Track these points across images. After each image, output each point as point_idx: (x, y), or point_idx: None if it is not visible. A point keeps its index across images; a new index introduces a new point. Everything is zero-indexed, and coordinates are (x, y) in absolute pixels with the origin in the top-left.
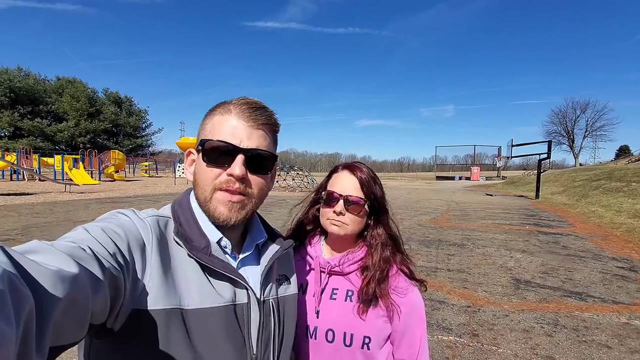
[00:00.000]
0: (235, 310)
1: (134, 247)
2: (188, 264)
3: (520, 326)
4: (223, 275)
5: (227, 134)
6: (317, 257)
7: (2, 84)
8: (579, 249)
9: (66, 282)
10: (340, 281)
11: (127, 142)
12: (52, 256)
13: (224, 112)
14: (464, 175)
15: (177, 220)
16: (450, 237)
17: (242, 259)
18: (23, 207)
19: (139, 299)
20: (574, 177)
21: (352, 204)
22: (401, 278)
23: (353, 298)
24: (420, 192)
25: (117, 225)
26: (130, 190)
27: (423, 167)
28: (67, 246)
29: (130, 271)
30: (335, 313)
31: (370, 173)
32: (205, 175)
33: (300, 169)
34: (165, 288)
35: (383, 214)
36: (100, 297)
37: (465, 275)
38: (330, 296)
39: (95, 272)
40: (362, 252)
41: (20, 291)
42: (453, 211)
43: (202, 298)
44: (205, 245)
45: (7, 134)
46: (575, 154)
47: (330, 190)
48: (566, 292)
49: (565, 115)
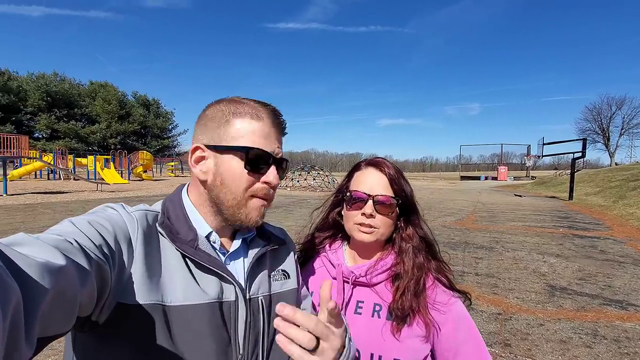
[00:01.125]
0: (221, 308)
1: (120, 240)
2: (174, 259)
3: (556, 336)
4: (209, 270)
5: (263, 142)
6: (339, 265)
7: (40, 88)
8: (617, 254)
9: (53, 274)
10: (366, 293)
11: (154, 143)
12: (38, 248)
13: (256, 119)
14: (490, 175)
15: (165, 214)
16: (477, 239)
17: (230, 254)
18: (58, 205)
19: (123, 292)
20: (610, 177)
21: (382, 204)
22: (439, 289)
23: (381, 314)
24: (444, 193)
25: (104, 218)
26: (157, 189)
27: (446, 166)
28: (53, 239)
29: (116, 263)
30: (361, 331)
31: (397, 168)
32: (241, 181)
33: (321, 169)
34: (148, 283)
35: (413, 213)
36: (87, 288)
37: (495, 280)
38: (355, 310)
39: (82, 263)
40: (391, 258)
41: (7, 283)
42: (479, 212)
43: (186, 294)
44: (191, 239)
45: (44, 135)
46: (611, 153)
47: (356, 191)
48: (605, 300)
49: (600, 112)
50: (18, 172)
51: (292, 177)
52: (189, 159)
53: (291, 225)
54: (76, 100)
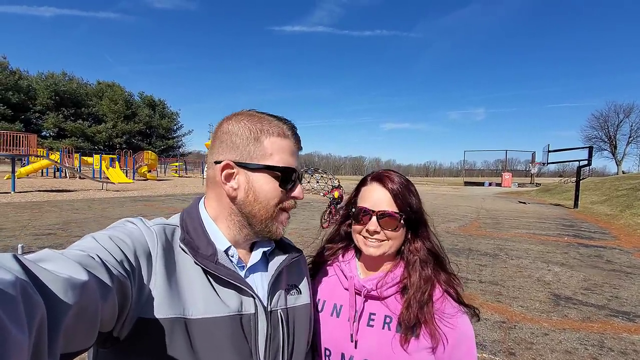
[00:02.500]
0: (241, 321)
1: (140, 255)
2: (194, 273)
3: (561, 346)
4: (229, 284)
5: (290, 159)
6: (352, 277)
7: (48, 87)
8: (624, 264)
9: (76, 289)
10: (377, 305)
11: (159, 143)
12: (62, 264)
13: (283, 137)
14: (494, 182)
15: (184, 228)
16: (481, 246)
17: (250, 268)
18: (64, 203)
19: (144, 307)
20: (616, 186)
21: (386, 219)
22: (448, 302)
23: (391, 326)
24: (448, 198)
25: (125, 233)
26: (161, 189)
27: (450, 172)
28: (76, 254)
29: (136, 278)
30: (373, 342)
31: (403, 182)
32: (274, 196)
33: (324, 172)
34: (169, 296)
35: (422, 226)
36: (109, 304)
37: (499, 288)
38: (368, 322)
39: (104, 279)
40: (400, 271)
41: (33, 298)
42: (483, 219)
43: (207, 307)
44: (211, 253)
45: (52, 134)
46: (618, 161)
47: (361, 207)
48: (612, 311)
49: (607, 119)
50: (26, 170)
51: None
52: (219, 175)
53: (294, 229)
54: (83, 100)
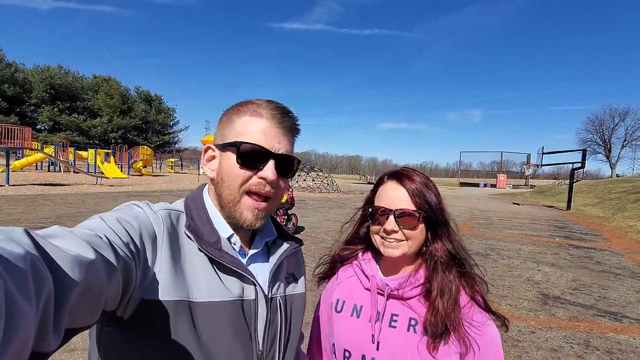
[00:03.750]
0: (242, 306)
1: (145, 238)
2: (198, 258)
3: (547, 344)
4: (232, 271)
5: (260, 137)
6: (373, 276)
7: (44, 81)
8: (614, 266)
9: (83, 267)
10: (400, 306)
11: (155, 139)
12: (71, 241)
13: (255, 115)
14: (489, 183)
15: (189, 214)
16: (472, 246)
17: (251, 256)
18: (58, 197)
19: (148, 289)
20: (610, 189)
21: (405, 218)
22: (476, 309)
23: (417, 329)
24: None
25: (131, 216)
26: (156, 185)
27: (446, 172)
28: (85, 233)
29: (141, 260)
30: (397, 345)
31: (422, 179)
32: (236, 176)
33: (320, 170)
34: (174, 280)
35: (442, 226)
36: (114, 284)
37: (489, 286)
38: (389, 323)
39: (110, 259)
40: (423, 273)
41: (41, 273)
42: (477, 219)
43: (211, 291)
44: (215, 240)
45: (46, 127)
46: (612, 164)
47: (377, 206)
48: (600, 311)
49: (602, 123)
50: (20, 163)
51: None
52: (202, 159)
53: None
54: (79, 94)
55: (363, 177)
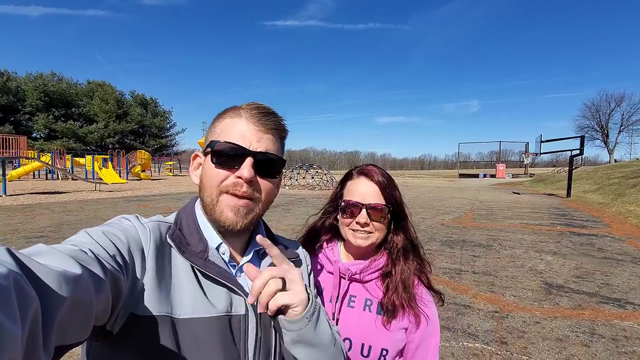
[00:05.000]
0: (230, 322)
1: (134, 251)
2: (183, 271)
3: (553, 334)
4: (218, 282)
5: (237, 136)
6: (336, 261)
7: (37, 88)
8: (616, 252)
9: (70, 283)
10: (358, 289)
11: (152, 142)
12: (55, 258)
13: (234, 116)
14: (488, 173)
15: (177, 224)
16: (475, 237)
17: (242, 267)
18: (56, 205)
19: (135, 303)
20: (608, 175)
21: (375, 211)
22: (423, 288)
23: (372, 308)
24: (443, 190)
25: (119, 229)
26: (155, 189)
27: (445, 164)
28: (69, 249)
29: (129, 273)
30: (353, 322)
31: (387, 175)
32: (212, 177)
33: (319, 167)
34: (158, 294)
35: (403, 218)
36: (103, 297)
37: (492, 278)
38: (348, 304)
39: (97, 272)
40: (383, 260)
41: (26, 291)
42: (478, 210)
43: (194, 307)
44: (201, 250)
45: (42, 135)
46: (610, 150)
47: (349, 200)
48: (603, 298)
49: (598, 108)
50: (17, 173)
51: (291, 175)
52: (190, 167)
53: (290, 225)
54: (74, 100)
55: None
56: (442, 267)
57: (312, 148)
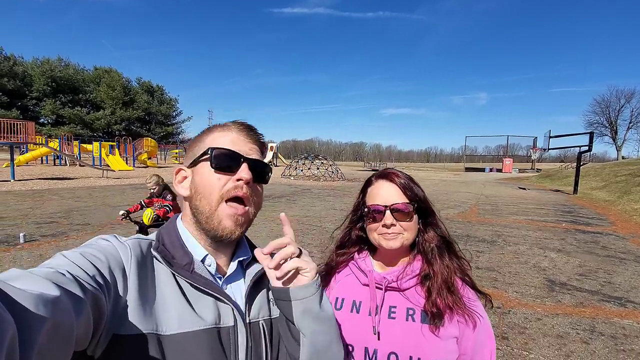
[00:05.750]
0: (219, 334)
1: (114, 269)
2: (168, 285)
3: (554, 331)
4: (206, 293)
5: (230, 145)
6: (370, 271)
7: (44, 74)
8: (619, 250)
9: (49, 305)
10: (397, 298)
11: (158, 130)
12: (31, 281)
13: (223, 130)
14: (494, 167)
15: (160, 240)
16: (479, 232)
17: (228, 279)
18: (65, 191)
19: (118, 323)
20: (616, 172)
21: (400, 211)
22: (468, 289)
23: (415, 317)
24: (448, 184)
25: (97, 249)
26: (162, 176)
27: (451, 157)
28: (46, 272)
29: (111, 292)
30: (397, 334)
31: (406, 175)
32: (211, 183)
33: (324, 158)
34: (142, 311)
35: (431, 215)
36: (83, 319)
37: (495, 274)
38: (389, 315)
39: (77, 293)
40: (418, 263)
41: (2, 316)
42: (483, 205)
43: (181, 322)
44: (187, 262)
45: (50, 121)
46: (618, 147)
47: (372, 205)
48: (605, 296)
49: (608, 104)
50: (25, 158)
51: (296, 166)
52: (174, 182)
53: (295, 215)
54: (81, 86)
55: (367, 164)
56: None
57: (317, 138)
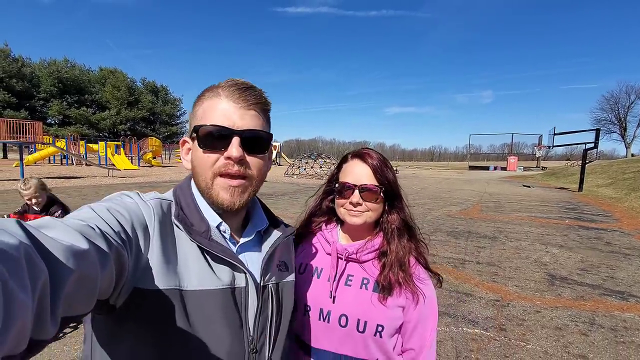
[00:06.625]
0: (233, 294)
1: (137, 228)
2: (188, 247)
3: (552, 323)
4: (222, 259)
5: (220, 117)
6: (334, 242)
7: (51, 74)
8: (624, 246)
9: (77, 257)
10: (356, 268)
11: (163, 130)
12: (64, 232)
13: (213, 96)
14: (499, 165)
15: (178, 203)
16: (481, 229)
17: (242, 245)
18: (72, 190)
19: (140, 278)
20: (624, 169)
21: (367, 192)
22: (420, 268)
23: (368, 286)
24: (451, 182)
25: (122, 206)
26: (166, 175)
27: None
28: (77, 223)
29: (133, 249)
30: (350, 299)
31: (381, 158)
32: (203, 162)
33: (327, 157)
34: (165, 269)
35: (397, 199)
36: (107, 273)
37: (496, 268)
38: (346, 282)
39: (103, 248)
40: (378, 240)
41: (36, 263)
42: (486, 202)
43: (201, 280)
44: (205, 230)
45: (56, 121)
46: (627, 144)
47: (343, 182)
48: (606, 290)
49: (617, 101)
50: (33, 157)
51: (299, 165)
52: (181, 152)
53: (296, 213)
54: (86, 87)
55: None
56: (446, 257)
57: (320, 137)
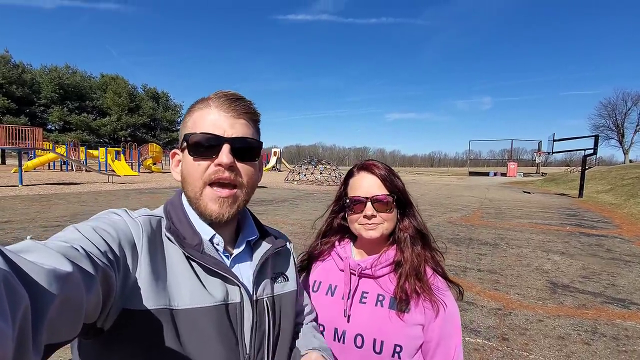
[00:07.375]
0: (227, 310)
1: (125, 246)
2: (179, 263)
3: (555, 332)
4: (215, 273)
5: (209, 126)
6: (346, 258)
7: (52, 81)
8: (624, 253)
9: (61, 281)
10: (371, 284)
11: (163, 136)
12: (45, 255)
13: (203, 107)
14: (499, 171)
15: (169, 218)
16: (482, 235)
17: (235, 257)
18: (71, 196)
19: (129, 298)
20: (622, 175)
21: (380, 202)
22: (438, 278)
23: (384, 303)
24: (452, 188)
25: (108, 224)
26: (166, 181)
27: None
28: (59, 245)
29: (121, 269)
30: (365, 318)
31: (387, 167)
32: (193, 170)
33: (328, 163)
34: (155, 287)
35: (408, 206)
36: (93, 295)
37: (497, 276)
38: (360, 300)
39: (88, 269)
40: (393, 252)
41: (16, 289)
42: (486, 209)
43: (193, 297)
44: (197, 243)
45: (57, 127)
46: (625, 150)
47: (354, 196)
48: (608, 298)
49: (615, 107)
50: (32, 163)
51: (299, 171)
52: (171, 166)
53: (297, 219)
54: (87, 93)
55: None
56: (447, 265)
57: (320, 143)
